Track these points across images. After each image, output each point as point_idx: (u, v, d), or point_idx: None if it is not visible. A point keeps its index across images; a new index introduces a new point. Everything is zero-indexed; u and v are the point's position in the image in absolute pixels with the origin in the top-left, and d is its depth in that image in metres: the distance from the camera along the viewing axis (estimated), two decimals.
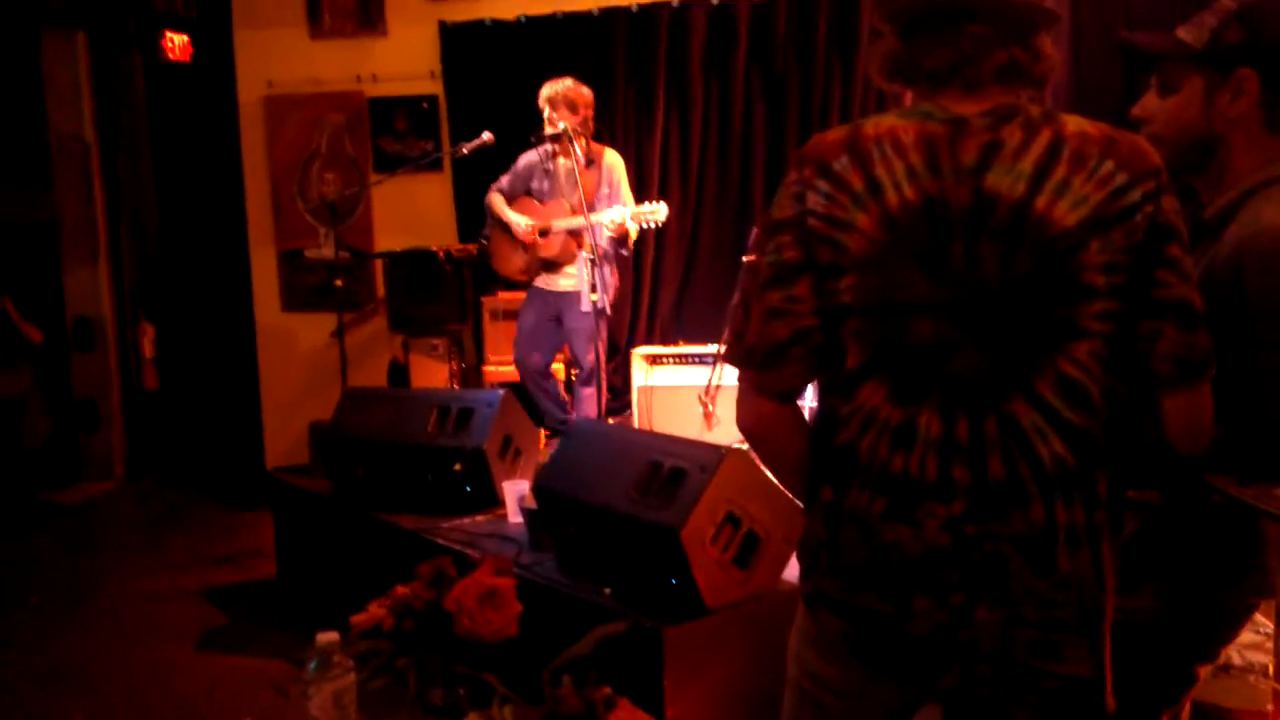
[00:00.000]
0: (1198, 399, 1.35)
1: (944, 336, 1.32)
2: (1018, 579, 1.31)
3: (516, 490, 3.36)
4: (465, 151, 4.90)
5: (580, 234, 4.64)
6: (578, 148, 4.63)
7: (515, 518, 3.33)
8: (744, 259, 4.43)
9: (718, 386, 4.62)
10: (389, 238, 5.97)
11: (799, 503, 1.51)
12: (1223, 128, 1.60)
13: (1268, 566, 1.65)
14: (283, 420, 6.20)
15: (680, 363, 5.05)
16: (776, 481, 1.64)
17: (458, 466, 3.53)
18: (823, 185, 1.35)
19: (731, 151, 5.54)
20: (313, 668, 1.47)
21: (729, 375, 4.53)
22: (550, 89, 4.68)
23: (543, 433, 4.56)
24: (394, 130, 6.03)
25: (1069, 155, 1.30)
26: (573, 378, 5.02)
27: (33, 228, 6.53)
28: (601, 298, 4.31)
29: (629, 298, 5.63)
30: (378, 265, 5.95)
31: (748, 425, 1.47)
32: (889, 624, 1.35)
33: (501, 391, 3.70)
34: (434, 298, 5.40)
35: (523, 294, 5.02)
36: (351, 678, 1.47)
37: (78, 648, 3.92)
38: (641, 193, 5.15)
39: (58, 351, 6.45)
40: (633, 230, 4.54)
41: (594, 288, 4.22)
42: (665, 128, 5.57)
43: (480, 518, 3.45)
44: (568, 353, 5.02)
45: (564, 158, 4.78)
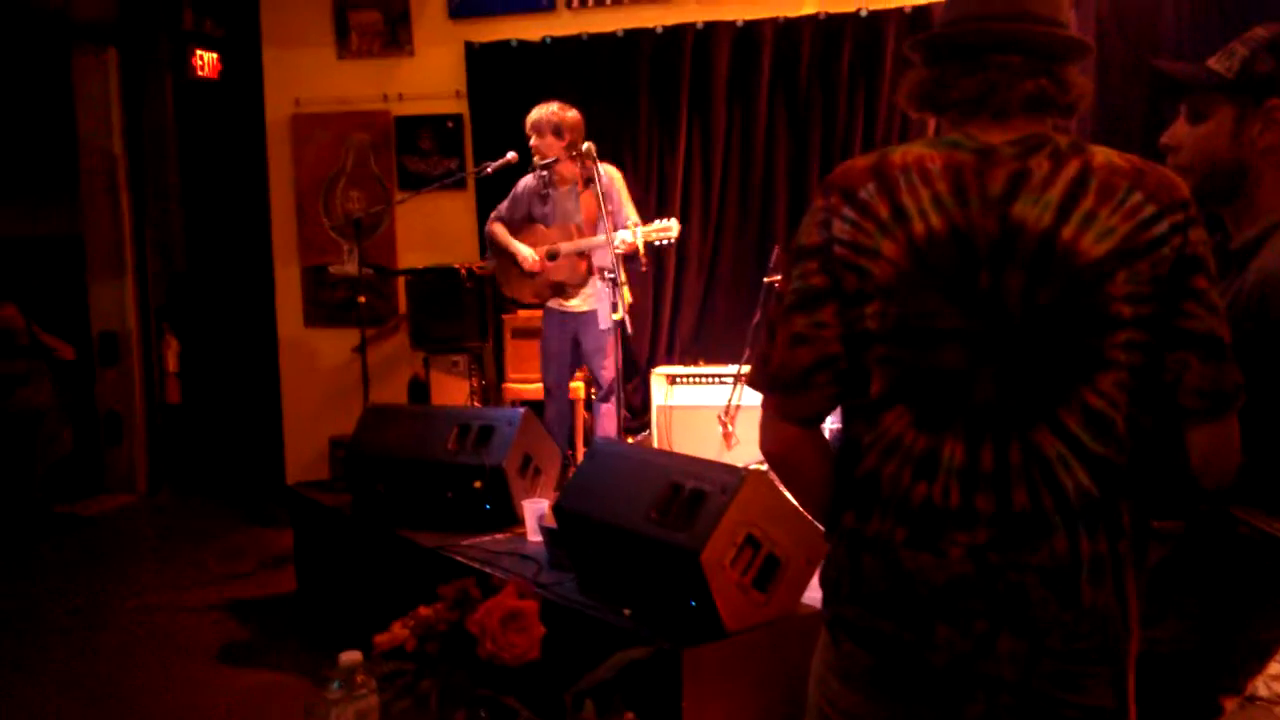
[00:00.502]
0: (1225, 432, 1.34)
1: (969, 365, 1.32)
2: (1041, 609, 1.30)
3: (536, 509, 3.36)
4: (490, 171, 4.92)
5: (588, 255, 4.65)
6: (570, 171, 4.67)
7: (534, 536, 3.34)
8: (765, 280, 4.43)
9: (737, 407, 4.62)
10: (412, 255, 6.02)
11: (820, 526, 1.51)
12: (1251, 158, 1.60)
13: None
14: (304, 435, 6.22)
15: (700, 383, 5.05)
16: (799, 506, 1.64)
17: (478, 484, 3.54)
18: (849, 213, 1.36)
19: (754, 172, 5.54)
20: (336, 687, 1.47)
21: (749, 396, 4.52)
22: (535, 114, 4.67)
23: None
24: (419, 149, 6.07)
25: (1097, 186, 1.30)
26: (592, 395, 5.03)
27: (60, 241, 6.62)
28: (623, 315, 4.31)
29: (649, 317, 5.63)
30: (400, 282, 5.99)
31: (771, 450, 1.47)
32: (910, 652, 1.35)
33: (522, 410, 3.72)
34: (455, 315, 5.42)
35: (542, 311, 5.03)
36: (375, 699, 1.47)
37: (96, 661, 3.93)
38: (664, 213, 5.15)
39: (82, 365, 6.50)
40: (641, 244, 4.54)
41: (615, 307, 4.23)
42: (688, 149, 5.59)
43: (499, 536, 3.46)
44: (586, 372, 5.03)
45: (561, 183, 4.79)
